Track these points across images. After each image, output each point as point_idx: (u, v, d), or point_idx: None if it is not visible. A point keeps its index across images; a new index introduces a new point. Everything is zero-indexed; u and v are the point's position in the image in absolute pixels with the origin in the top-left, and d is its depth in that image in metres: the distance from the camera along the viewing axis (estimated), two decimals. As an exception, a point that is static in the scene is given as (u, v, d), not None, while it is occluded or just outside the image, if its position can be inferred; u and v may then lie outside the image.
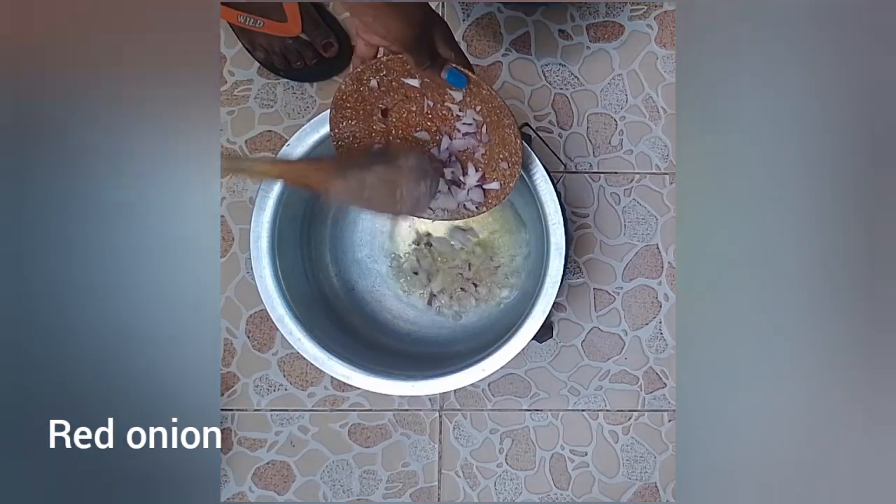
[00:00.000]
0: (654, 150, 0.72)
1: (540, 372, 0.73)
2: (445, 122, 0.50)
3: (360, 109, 0.50)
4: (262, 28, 0.67)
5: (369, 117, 0.50)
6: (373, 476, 0.73)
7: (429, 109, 0.50)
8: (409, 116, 0.51)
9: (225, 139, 0.73)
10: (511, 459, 0.73)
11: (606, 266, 0.73)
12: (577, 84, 0.73)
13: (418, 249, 0.68)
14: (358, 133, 0.51)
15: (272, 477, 0.74)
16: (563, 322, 0.73)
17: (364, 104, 0.50)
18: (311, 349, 0.57)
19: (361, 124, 0.51)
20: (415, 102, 0.50)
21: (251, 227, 0.57)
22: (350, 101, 0.49)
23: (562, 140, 0.73)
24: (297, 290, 0.59)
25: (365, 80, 0.48)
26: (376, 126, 0.51)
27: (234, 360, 0.73)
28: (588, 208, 0.73)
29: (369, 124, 0.51)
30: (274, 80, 0.73)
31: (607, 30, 0.73)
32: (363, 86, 0.49)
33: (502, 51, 0.73)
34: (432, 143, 0.52)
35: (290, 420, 0.73)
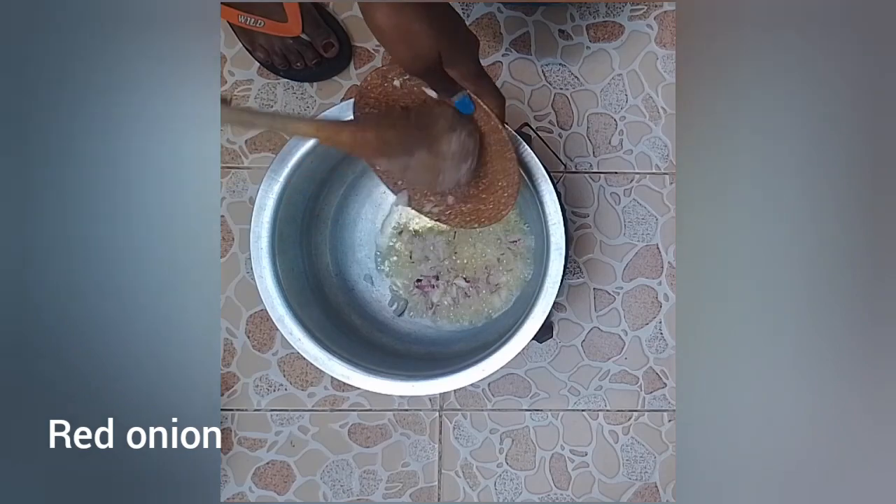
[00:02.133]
0: (654, 150, 0.72)
1: (540, 372, 0.73)
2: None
3: (383, 102, 0.51)
4: (262, 28, 0.67)
5: (392, 111, 0.51)
6: (373, 476, 0.73)
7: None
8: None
9: (225, 139, 0.73)
10: (511, 459, 0.73)
11: (606, 266, 0.73)
12: (577, 84, 0.73)
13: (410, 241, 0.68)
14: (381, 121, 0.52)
15: (272, 477, 0.74)
16: (563, 322, 0.73)
17: (387, 98, 0.50)
18: (311, 349, 0.57)
19: (381, 117, 0.51)
20: (434, 108, 0.50)
21: (251, 227, 0.57)
22: (374, 93, 0.50)
23: (562, 140, 0.73)
24: (297, 290, 0.59)
25: (389, 78, 0.49)
26: (396, 123, 0.51)
27: (234, 360, 0.73)
28: (588, 208, 0.73)
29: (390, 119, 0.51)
30: (274, 80, 0.73)
31: (607, 30, 0.73)
32: (387, 82, 0.49)
33: (502, 51, 0.73)
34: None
35: (290, 420, 0.73)
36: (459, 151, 0.49)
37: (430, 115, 0.49)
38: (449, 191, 0.53)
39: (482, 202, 0.53)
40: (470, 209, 0.53)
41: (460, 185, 0.51)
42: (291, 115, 0.49)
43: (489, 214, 0.53)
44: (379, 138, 0.48)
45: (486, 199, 0.52)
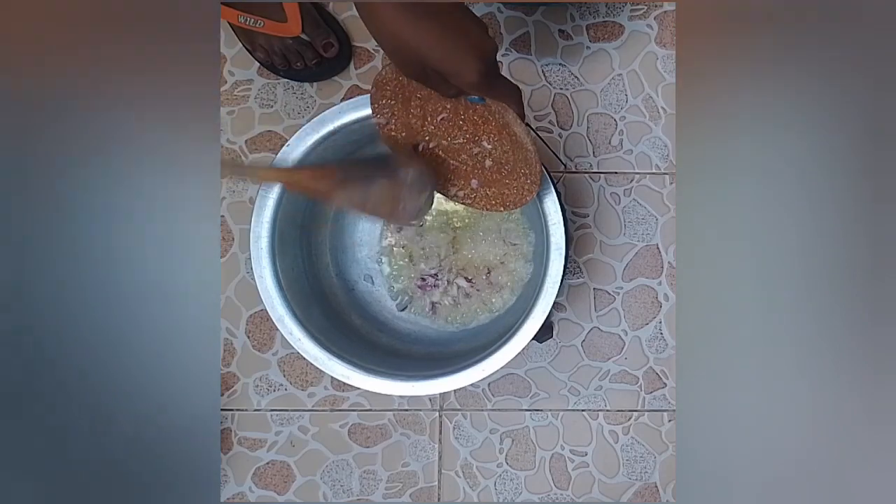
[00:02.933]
0: (654, 150, 0.72)
1: (540, 372, 0.73)
2: (478, 128, 0.52)
3: (399, 94, 0.51)
4: (262, 28, 0.67)
5: (408, 102, 0.52)
6: (373, 476, 0.73)
7: (463, 111, 0.51)
8: (447, 120, 0.52)
9: (225, 139, 0.73)
10: (511, 459, 0.73)
11: (606, 266, 0.73)
12: (577, 84, 0.73)
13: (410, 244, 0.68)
14: (396, 112, 0.52)
15: (272, 477, 0.74)
16: (563, 322, 0.73)
17: (403, 91, 0.51)
18: (311, 349, 0.57)
19: (400, 106, 0.52)
20: (448, 102, 0.51)
21: (251, 227, 0.57)
22: (390, 85, 0.51)
23: (562, 140, 0.73)
24: (297, 290, 0.59)
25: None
26: (414, 111, 0.52)
27: (234, 360, 0.73)
28: (588, 208, 0.73)
29: (407, 109, 0.52)
30: (274, 80, 0.73)
31: (607, 30, 0.73)
32: (401, 76, 0.50)
33: (502, 51, 0.73)
34: (471, 145, 0.53)
35: (290, 420, 0.73)
36: (418, 180, 0.51)
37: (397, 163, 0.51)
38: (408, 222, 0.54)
39: (506, 186, 0.53)
40: (494, 193, 0.54)
41: (419, 216, 0.54)
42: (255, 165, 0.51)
43: (514, 199, 0.54)
44: (339, 171, 0.50)
45: (510, 183, 0.53)
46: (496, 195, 0.54)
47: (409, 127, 0.53)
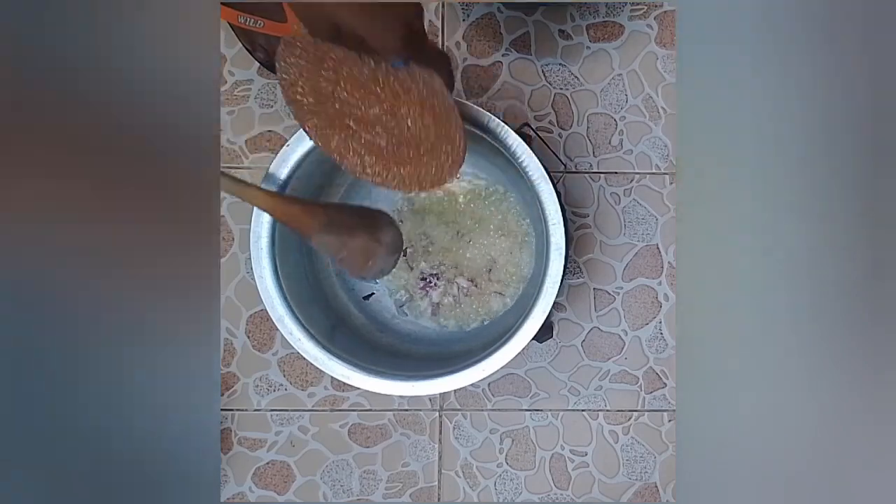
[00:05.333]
0: (654, 150, 0.72)
1: (540, 372, 0.73)
2: (398, 98, 0.48)
3: (311, 52, 0.47)
4: (262, 28, 0.67)
5: (319, 63, 0.48)
6: (373, 476, 0.73)
7: (383, 77, 0.47)
8: (363, 86, 0.48)
9: (225, 139, 0.73)
10: (511, 459, 0.73)
11: (606, 266, 0.73)
12: (577, 84, 0.73)
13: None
14: (305, 73, 0.48)
15: (272, 477, 0.74)
16: (563, 322, 0.73)
17: (316, 50, 0.47)
18: (311, 349, 0.57)
19: (310, 67, 0.48)
20: (366, 65, 0.47)
21: (251, 227, 0.57)
22: (301, 42, 0.47)
23: (562, 140, 0.73)
24: (297, 290, 0.59)
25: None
26: (326, 73, 0.48)
27: (234, 360, 0.73)
28: (588, 208, 0.73)
29: (318, 70, 0.48)
30: (274, 80, 0.73)
31: (607, 30, 0.73)
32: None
33: (502, 51, 0.73)
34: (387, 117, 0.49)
35: (290, 420, 0.73)
36: (393, 244, 0.53)
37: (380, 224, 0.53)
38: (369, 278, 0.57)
39: (423, 166, 0.50)
40: (409, 172, 0.51)
41: (384, 273, 0.55)
42: (252, 185, 0.51)
43: (431, 179, 0.51)
44: (327, 215, 0.51)
45: (428, 163, 0.50)
46: (411, 175, 0.51)
47: (319, 91, 0.48)
